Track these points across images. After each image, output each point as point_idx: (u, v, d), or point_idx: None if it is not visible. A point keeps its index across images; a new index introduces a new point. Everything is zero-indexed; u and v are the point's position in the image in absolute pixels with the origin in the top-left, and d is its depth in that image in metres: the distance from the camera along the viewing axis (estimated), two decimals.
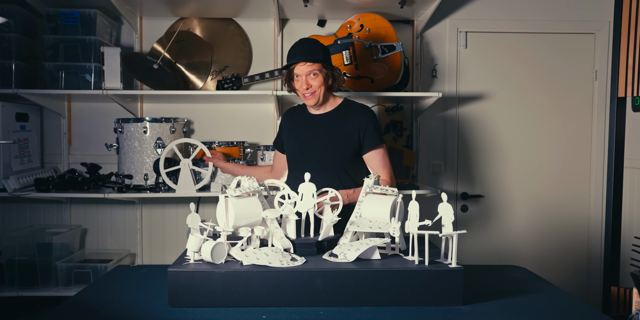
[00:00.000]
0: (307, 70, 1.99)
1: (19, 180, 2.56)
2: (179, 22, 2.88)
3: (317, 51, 2.00)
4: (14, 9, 2.55)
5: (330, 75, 2.03)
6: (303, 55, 1.98)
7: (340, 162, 2.04)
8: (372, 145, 2.05)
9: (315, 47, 2.01)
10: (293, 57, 2.00)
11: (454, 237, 1.46)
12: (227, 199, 1.53)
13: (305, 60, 1.97)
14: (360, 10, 2.72)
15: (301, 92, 2.04)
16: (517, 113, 3.02)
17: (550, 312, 1.44)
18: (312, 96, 2.03)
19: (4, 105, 2.55)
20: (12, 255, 2.60)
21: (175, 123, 2.68)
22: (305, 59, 1.97)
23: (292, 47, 2.04)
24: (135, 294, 1.58)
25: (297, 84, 2.04)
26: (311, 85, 2.00)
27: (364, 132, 2.04)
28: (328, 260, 1.51)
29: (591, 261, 3.07)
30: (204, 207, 2.87)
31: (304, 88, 2.01)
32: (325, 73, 2.01)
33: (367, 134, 2.04)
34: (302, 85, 2.01)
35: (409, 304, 1.44)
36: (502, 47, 3.00)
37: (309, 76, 1.99)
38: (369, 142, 2.05)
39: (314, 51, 1.99)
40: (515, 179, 3.04)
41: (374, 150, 2.06)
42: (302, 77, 2.00)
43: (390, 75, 2.63)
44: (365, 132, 2.04)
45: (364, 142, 2.05)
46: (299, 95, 2.09)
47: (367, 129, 2.04)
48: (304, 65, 1.99)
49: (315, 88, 2.01)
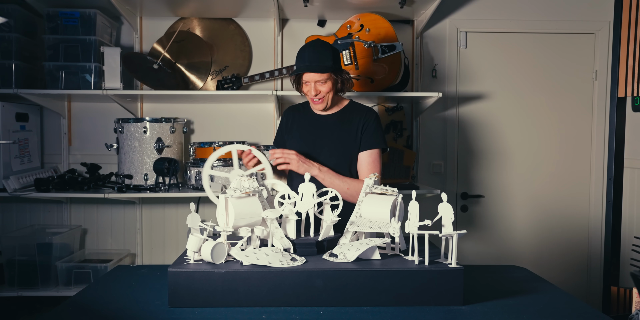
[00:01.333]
0: (317, 78, 1.95)
1: (19, 180, 2.56)
2: (179, 22, 2.88)
3: (327, 57, 1.94)
4: (14, 9, 2.55)
5: (339, 80, 2.00)
6: (312, 62, 1.93)
7: (345, 163, 2.01)
8: (368, 146, 2.01)
9: (325, 52, 1.95)
10: (302, 62, 1.96)
11: (454, 237, 1.46)
12: (227, 199, 1.53)
13: (315, 70, 1.93)
14: (360, 10, 2.72)
15: (309, 97, 2.02)
16: (517, 113, 3.02)
17: (550, 312, 1.44)
18: (321, 101, 2.00)
19: (4, 105, 2.55)
20: (12, 255, 2.60)
21: (175, 123, 2.68)
22: (315, 69, 1.93)
23: (301, 51, 1.98)
24: (135, 294, 1.58)
25: (305, 88, 2.01)
26: (320, 91, 1.97)
27: (364, 132, 2.02)
28: (328, 260, 1.51)
29: (591, 261, 3.07)
30: (204, 207, 2.87)
31: (313, 94, 1.98)
32: (335, 79, 1.98)
33: (366, 133, 2.02)
34: (311, 91, 1.97)
35: (409, 304, 1.44)
36: (502, 47, 3.00)
37: (318, 83, 1.96)
38: (366, 142, 2.01)
39: (324, 58, 1.94)
40: (515, 179, 3.04)
41: (368, 151, 2.01)
42: (311, 83, 1.97)
43: (390, 75, 2.63)
44: (365, 132, 2.02)
45: (361, 141, 2.02)
46: (307, 98, 2.07)
47: (367, 129, 2.02)
48: (313, 73, 1.95)
49: (324, 93, 1.98)
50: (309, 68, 1.93)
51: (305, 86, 2.00)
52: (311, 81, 1.96)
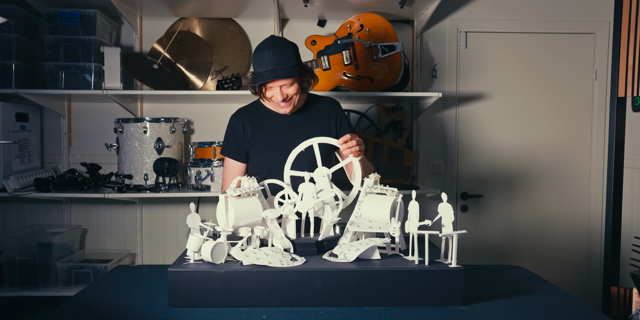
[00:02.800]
0: (283, 82, 1.79)
1: (19, 180, 2.56)
2: (179, 22, 2.88)
3: (289, 57, 1.77)
4: (14, 9, 2.55)
5: (305, 79, 1.86)
6: (276, 66, 1.75)
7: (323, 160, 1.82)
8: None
9: (287, 52, 1.78)
10: (263, 67, 1.77)
11: (454, 237, 1.46)
12: (227, 199, 1.53)
13: (282, 76, 1.75)
14: (360, 10, 2.72)
15: (274, 102, 1.85)
16: (517, 113, 3.02)
17: (550, 312, 1.43)
18: (287, 105, 1.85)
19: (4, 105, 2.55)
20: (12, 255, 2.60)
21: (175, 123, 2.68)
22: (281, 75, 1.75)
23: (259, 53, 1.78)
24: (135, 294, 1.58)
25: (269, 93, 1.83)
26: (287, 95, 1.82)
27: (340, 126, 1.98)
28: (328, 260, 1.51)
29: (591, 261, 3.07)
30: (204, 207, 2.87)
31: (280, 99, 1.81)
32: (300, 79, 1.83)
33: (343, 127, 1.98)
34: (277, 96, 1.81)
35: (409, 304, 1.44)
36: (502, 47, 3.00)
37: (283, 86, 1.80)
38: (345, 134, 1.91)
39: (286, 58, 1.76)
40: (515, 179, 3.04)
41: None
42: (276, 88, 1.81)
43: (390, 75, 2.63)
44: (341, 126, 1.98)
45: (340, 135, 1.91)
46: (268, 102, 1.89)
47: (342, 123, 1.98)
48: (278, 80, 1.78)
49: (292, 96, 1.83)
50: (276, 74, 1.75)
51: (269, 91, 1.83)
52: (276, 86, 1.80)
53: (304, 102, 1.96)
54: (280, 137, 1.91)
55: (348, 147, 1.70)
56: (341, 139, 1.71)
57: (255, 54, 1.80)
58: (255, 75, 1.81)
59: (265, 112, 1.96)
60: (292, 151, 1.72)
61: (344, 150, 1.71)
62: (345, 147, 1.70)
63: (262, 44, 1.81)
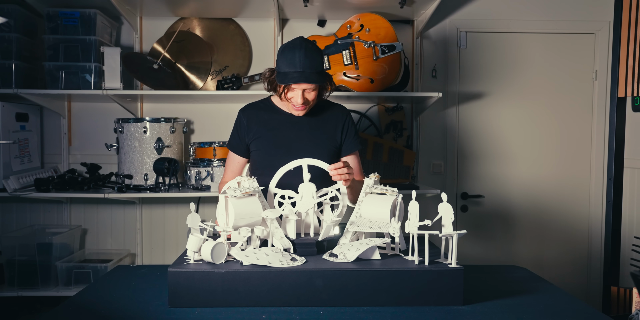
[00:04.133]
0: (308, 86, 1.80)
1: (19, 180, 2.56)
2: (179, 22, 2.88)
3: (319, 63, 1.79)
4: (14, 9, 2.55)
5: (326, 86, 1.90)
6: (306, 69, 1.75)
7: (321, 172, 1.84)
8: (352, 149, 1.99)
9: (317, 58, 1.78)
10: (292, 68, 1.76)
11: (454, 237, 1.46)
12: (227, 199, 1.53)
13: (311, 80, 1.76)
14: (360, 10, 2.72)
15: (292, 104, 1.85)
16: (517, 113, 3.02)
17: (550, 312, 1.43)
18: (304, 108, 1.86)
19: (4, 105, 2.55)
20: (12, 255, 2.60)
21: (175, 123, 2.68)
22: (311, 79, 1.76)
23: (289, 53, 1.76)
24: (135, 294, 1.58)
25: (290, 94, 1.83)
26: (307, 99, 1.83)
27: (346, 136, 1.98)
28: (328, 260, 1.51)
29: (591, 261, 3.07)
30: (204, 207, 2.87)
31: (300, 102, 1.82)
32: (322, 86, 1.87)
33: (349, 137, 1.98)
34: (297, 99, 1.81)
35: (409, 304, 1.44)
36: (502, 47, 3.00)
37: (307, 91, 1.81)
38: (350, 146, 1.98)
39: (316, 64, 1.77)
40: (515, 179, 3.04)
41: (353, 155, 2.00)
42: (299, 90, 1.80)
43: (390, 75, 2.63)
44: (347, 136, 1.98)
45: (343, 145, 1.98)
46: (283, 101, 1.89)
47: (348, 132, 1.98)
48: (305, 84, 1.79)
49: (311, 101, 1.85)
50: (306, 78, 1.75)
51: (291, 92, 1.82)
52: (300, 88, 1.80)
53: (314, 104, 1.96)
54: (282, 134, 1.92)
55: (338, 174, 1.69)
56: (332, 165, 1.69)
57: (284, 53, 1.77)
58: (282, 74, 1.78)
59: (273, 109, 1.97)
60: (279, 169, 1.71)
61: (334, 177, 1.70)
62: (335, 173, 1.69)
63: (292, 43, 1.79)
